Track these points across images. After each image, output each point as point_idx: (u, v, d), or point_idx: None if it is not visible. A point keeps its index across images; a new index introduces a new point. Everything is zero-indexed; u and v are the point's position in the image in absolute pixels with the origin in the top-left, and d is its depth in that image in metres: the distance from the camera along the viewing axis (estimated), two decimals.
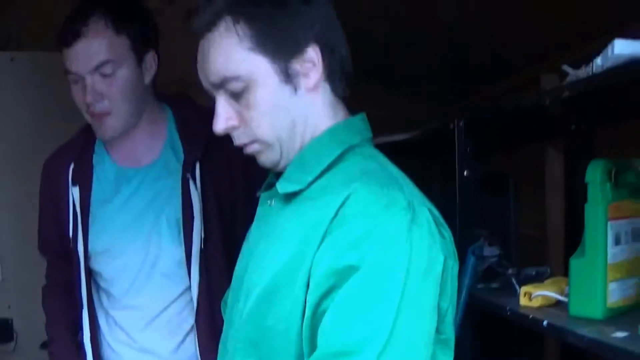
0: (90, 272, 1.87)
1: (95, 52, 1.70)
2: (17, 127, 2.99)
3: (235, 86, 1.19)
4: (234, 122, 1.22)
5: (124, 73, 1.74)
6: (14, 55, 3.02)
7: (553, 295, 1.56)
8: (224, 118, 1.22)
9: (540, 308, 1.55)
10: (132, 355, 1.86)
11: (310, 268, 1.11)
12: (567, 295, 1.52)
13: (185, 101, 1.94)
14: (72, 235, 1.84)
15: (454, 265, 1.17)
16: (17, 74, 3.01)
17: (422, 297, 1.10)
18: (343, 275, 1.07)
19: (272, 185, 1.27)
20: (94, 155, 1.88)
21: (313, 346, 1.10)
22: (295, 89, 1.20)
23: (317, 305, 1.09)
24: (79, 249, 1.83)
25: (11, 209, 2.93)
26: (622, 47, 1.17)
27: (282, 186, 1.22)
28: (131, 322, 1.86)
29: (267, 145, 1.22)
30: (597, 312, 1.43)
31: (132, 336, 1.86)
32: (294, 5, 1.19)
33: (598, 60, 1.25)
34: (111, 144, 1.87)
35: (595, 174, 1.42)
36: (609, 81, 1.25)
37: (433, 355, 1.13)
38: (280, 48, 1.18)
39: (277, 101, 1.19)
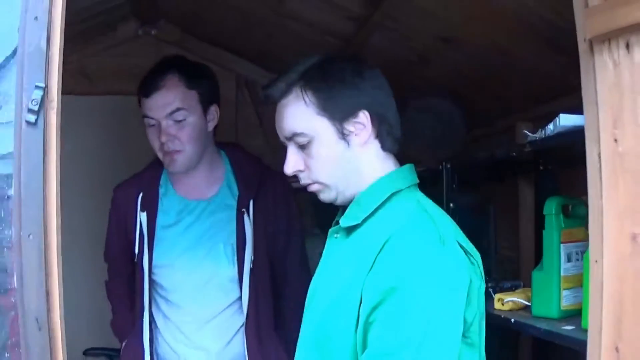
0: (151, 283, 2.23)
1: (170, 101, 2.09)
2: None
3: (302, 140, 1.49)
4: (300, 167, 1.51)
5: (192, 120, 2.12)
6: None
7: (520, 300, 1.99)
8: (293, 163, 1.51)
9: (510, 310, 1.98)
10: (187, 352, 2.22)
11: (362, 289, 1.37)
12: (531, 301, 1.95)
13: (238, 148, 2.36)
14: (138, 251, 2.20)
15: (480, 285, 1.43)
16: None
17: (448, 311, 1.34)
18: (387, 294, 1.33)
19: (337, 223, 1.56)
20: (160, 188, 2.25)
21: (364, 347, 1.36)
22: (349, 144, 1.48)
23: (368, 316, 1.35)
24: (144, 263, 2.19)
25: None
26: (565, 120, 1.62)
27: (344, 222, 1.51)
28: (188, 324, 2.22)
29: (325, 186, 1.51)
30: (553, 313, 1.85)
31: (188, 336, 2.21)
32: (351, 79, 1.49)
33: (550, 126, 1.70)
34: (176, 179, 2.24)
35: (551, 208, 1.86)
36: (557, 141, 1.71)
37: (460, 355, 1.37)
38: (338, 113, 1.47)
39: (333, 153, 1.48)
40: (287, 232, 2.30)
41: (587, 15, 1.29)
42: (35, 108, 1.10)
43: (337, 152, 1.49)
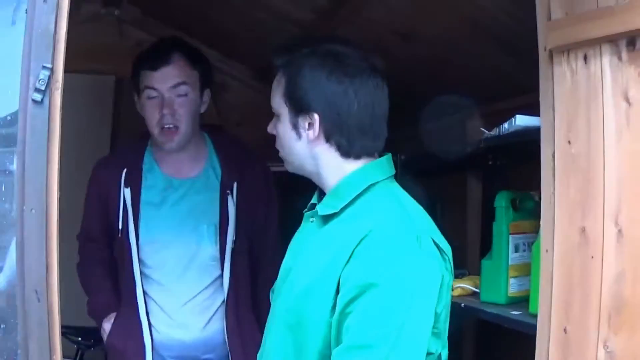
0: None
1: (176, 75, 2.19)
2: None
3: (275, 112, 1.57)
4: (274, 132, 1.58)
5: (192, 97, 2.21)
6: None
7: (468, 287, 2.12)
8: (271, 125, 1.59)
9: (459, 296, 2.10)
10: (168, 330, 2.25)
11: (339, 279, 1.40)
12: (479, 287, 2.08)
13: (222, 131, 2.44)
14: (122, 227, 2.23)
15: (450, 280, 1.47)
16: None
17: (422, 307, 1.39)
18: (365, 288, 1.36)
19: (313, 206, 1.57)
20: (144, 165, 2.28)
21: (339, 335, 1.39)
22: (299, 137, 1.52)
23: (344, 307, 1.38)
24: (130, 239, 2.22)
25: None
26: (521, 120, 1.75)
27: (321, 209, 1.52)
28: (170, 302, 2.25)
29: (284, 158, 1.58)
30: (501, 299, 1.98)
31: (169, 314, 2.25)
32: (318, 79, 1.49)
33: (505, 125, 1.83)
34: (161, 157, 2.29)
35: (501, 201, 1.99)
36: (511, 140, 1.85)
37: (428, 345, 1.41)
38: (296, 105, 1.51)
39: (287, 138, 1.54)
40: (266, 214, 2.37)
41: (549, 28, 1.42)
42: (42, 87, 1.16)
43: (290, 139, 1.54)
